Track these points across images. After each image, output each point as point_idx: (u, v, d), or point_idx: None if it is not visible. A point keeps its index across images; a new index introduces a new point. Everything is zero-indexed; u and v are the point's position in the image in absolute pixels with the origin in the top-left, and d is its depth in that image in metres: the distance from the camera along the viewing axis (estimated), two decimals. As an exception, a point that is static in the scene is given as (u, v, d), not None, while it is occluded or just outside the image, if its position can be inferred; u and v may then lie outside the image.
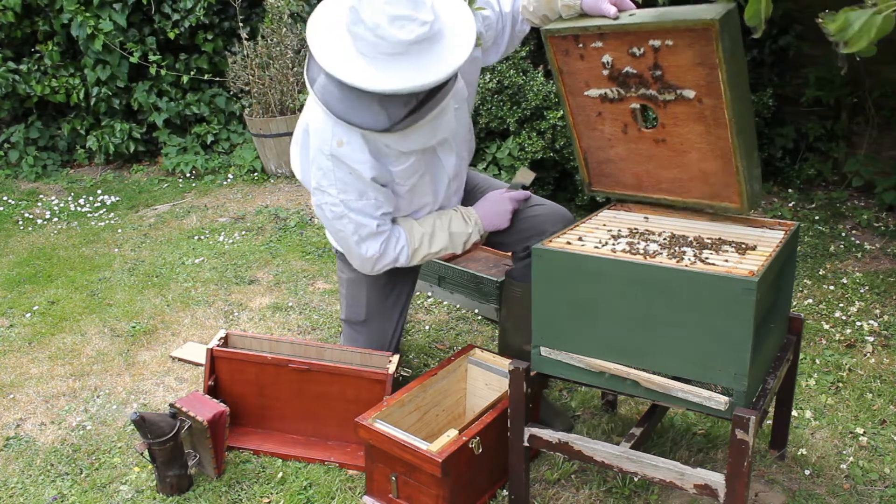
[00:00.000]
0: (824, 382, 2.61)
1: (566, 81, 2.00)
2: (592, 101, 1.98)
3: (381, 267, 2.21)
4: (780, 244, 1.80)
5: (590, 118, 2.02)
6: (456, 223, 2.25)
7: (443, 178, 2.26)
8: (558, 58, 1.97)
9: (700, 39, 1.70)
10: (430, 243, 2.22)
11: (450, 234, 2.24)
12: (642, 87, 1.87)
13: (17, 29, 5.67)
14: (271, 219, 4.55)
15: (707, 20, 1.66)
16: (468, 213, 2.28)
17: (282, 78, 5.29)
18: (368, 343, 2.42)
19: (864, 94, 4.27)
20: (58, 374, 2.92)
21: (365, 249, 2.15)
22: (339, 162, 2.04)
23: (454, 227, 2.24)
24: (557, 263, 1.77)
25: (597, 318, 1.75)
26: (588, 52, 1.90)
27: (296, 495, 2.18)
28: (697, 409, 1.69)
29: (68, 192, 5.41)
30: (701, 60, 1.74)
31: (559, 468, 2.23)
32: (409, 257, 2.21)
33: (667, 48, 1.76)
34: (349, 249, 2.18)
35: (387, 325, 2.44)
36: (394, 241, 2.18)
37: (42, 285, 3.78)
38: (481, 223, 2.28)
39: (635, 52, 1.81)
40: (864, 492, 2.11)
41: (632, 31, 1.79)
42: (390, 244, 2.17)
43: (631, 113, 1.93)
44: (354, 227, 2.11)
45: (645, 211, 2.11)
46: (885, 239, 3.77)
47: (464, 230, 2.25)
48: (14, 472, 2.36)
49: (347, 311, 2.46)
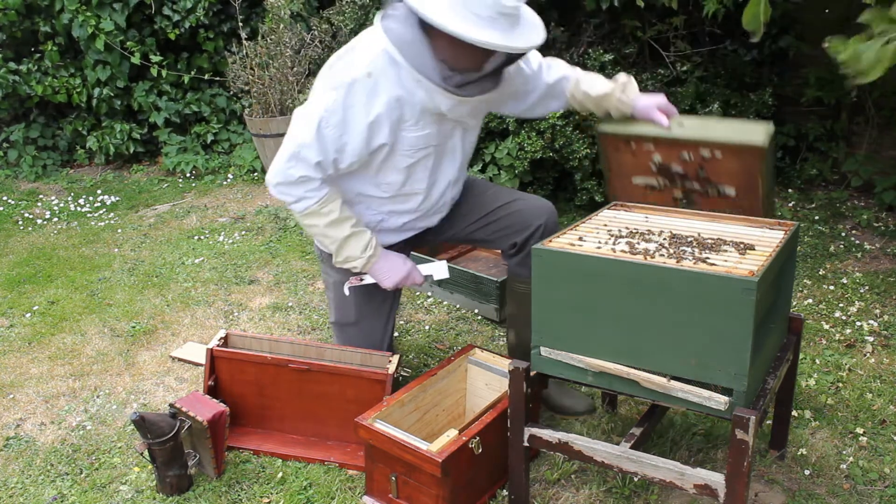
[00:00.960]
0: (824, 382, 2.61)
1: (613, 167, 2.20)
2: (637, 186, 2.18)
3: (277, 190, 2.12)
4: (780, 244, 1.81)
5: (632, 195, 2.22)
6: (354, 244, 2.19)
7: (442, 175, 2.25)
8: (609, 151, 2.18)
9: (748, 156, 1.94)
10: (324, 232, 2.16)
11: (342, 241, 2.18)
12: (687, 181, 2.08)
13: (17, 29, 5.67)
14: (271, 219, 4.55)
15: (758, 145, 1.88)
16: (373, 249, 2.22)
17: (282, 78, 5.29)
18: (359, 344, 2.41)
19: (864, 94, 4.27)
20: (58, 374, 2.92)
21: (285, 171, 2.07)
22: (351, 91, 1.98)
23: (351, 244, 2.19)
24: (558, 263, 1.77)
25: (597, 318, 1.75)
26: (639, 151, 2.11)
27: (296, 495, 2.18)
28: (697, 409, 1.69)
29: (68, 192, 5.41)
30: (745, 170, 1.96)
31: (559, 468, 2.23)
32: (302, 213, 2.14)
33: (715, 158, 1.98)
34: (279, 155, 2.11)
35: (378, 324, 2.43)
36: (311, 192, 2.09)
37: (42, 285, 3.78)
38: (372, 267, 2.24)
39: (685, 157, 2.03)
40: (864, 492, 2.11)
41: (684, 143, 2.00)
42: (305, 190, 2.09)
43: (672, 199, 2.16)
44: (298, 148, 2.05)
45: (645, 211, 2.12)
46: (885, 239, 3.77)
47: (353, 255, 2.20)
48: (14, 472, 2.36)
49: (337, 314, 2.45)
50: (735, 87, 4.44)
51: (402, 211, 2.29)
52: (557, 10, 4.19)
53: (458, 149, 2.24)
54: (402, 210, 2.28)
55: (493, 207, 2.37)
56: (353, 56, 2.05)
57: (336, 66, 2.08)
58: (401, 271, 2.27)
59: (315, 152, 2.04)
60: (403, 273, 2.27)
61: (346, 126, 2.02)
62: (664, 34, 4.26)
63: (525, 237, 2.30)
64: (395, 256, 2.28)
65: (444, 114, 2.07)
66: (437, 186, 2.27)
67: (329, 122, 2.01)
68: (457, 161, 2.26)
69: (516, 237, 2.32)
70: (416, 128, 2.07)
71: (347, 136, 2.03)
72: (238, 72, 5.34)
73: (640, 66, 4.37)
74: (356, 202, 2.26)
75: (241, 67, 5.34)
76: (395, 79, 1.99)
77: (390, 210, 2.28)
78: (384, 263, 2.26)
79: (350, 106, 2.00)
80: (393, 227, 2.33)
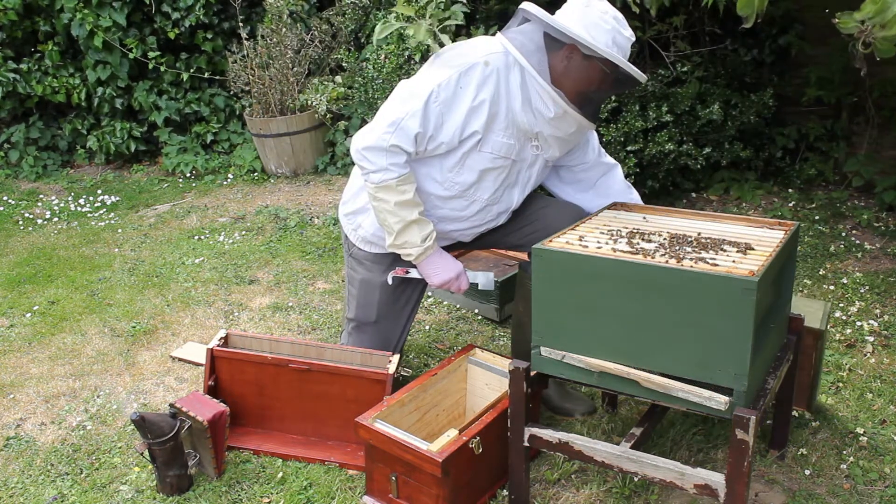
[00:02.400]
0: (824, 382, 2.60)
1: None
2: None
3: (361, 155, 2.11)
4: (780, 244, 1.81)
5: None
6: (417, 230, 2.18)
7: (506, 197, 2.27)
8: None
9: None
10: (392, 210, 2.14)
11: (407, 224, 2.16)
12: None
13: (17, 29, 5.67)
14: (271, 219, 4.55)
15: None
16: (432, 241, 2.22)
17: (282, 78, 5.29)
18: (374, 344, 2.41)
19: (865, 94, 4.27)
20: (58, 374, 2.92)
21: (380, 135, 2.07)
22: (468, 73, 2.06)
23: (414, 230, 2.18)
24: (558, 263, 1.77)
25: (597, 318, 1.75)
26: None
27: (296, 495, 2.18)
28: (697, 409, 1.69)
29: (68, 192, 5.41)
30: None
31: (559, 468, 2.23)
32: (376, 185, 2.12)
33: None
34: (376, 120, 2.11)
35: (396, 326, 2.43)
36: (395, 166, 2.09)
37: (42, 285, 3.78)
38: (425, 260, 2.24)
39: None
40: (864, 492, 2.11)
41: None
42: (389, 162, 2.09)
43: None
44: (403, 115, 2.05)
45: (645, 211, 2.12)
46: (885, 239, 3.77)
47: (413, 241, 2.19)
48: (14, 472, 2.36)
49: (357, 311, 2.44)
50: (735, 87, 4.44)
51: (455, 218, 2.27)
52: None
53: (531, 182, 2.29)
54: (455, 217, 2.27)
55: (526, 212, 2.38)
56: (473, 45, 2.14)
57: (451, 52, 2.15)
58: (451, 272, 2.27)
59: (418, 123, 2.06)
60: (453, 274, 2.27)
61: (452, 104, 2.07)
62: (664, 34, 4.26)
63: None
64: (450, 257, 2.29)
65: (532, 133, 2.15)
66: (498, 206, 2.28)
67: (438, 98, 2.06)
68: (524, 193, 2.30)
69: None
70: (504, 133, 2.12)
71: (450, 114, 2.08)
72: (238, 72, 5.35)
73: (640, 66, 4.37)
74: None
75: (241, 67, 5.34)
76: (506, 79, 2.08)
77: (443, 216, 2.27)
78: (438, 259, 2.26)
79: (462, 87, 2.06)
80: (438, 234, 2.31)
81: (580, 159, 2.37)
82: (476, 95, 2.06)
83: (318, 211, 4.63)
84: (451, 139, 2.10)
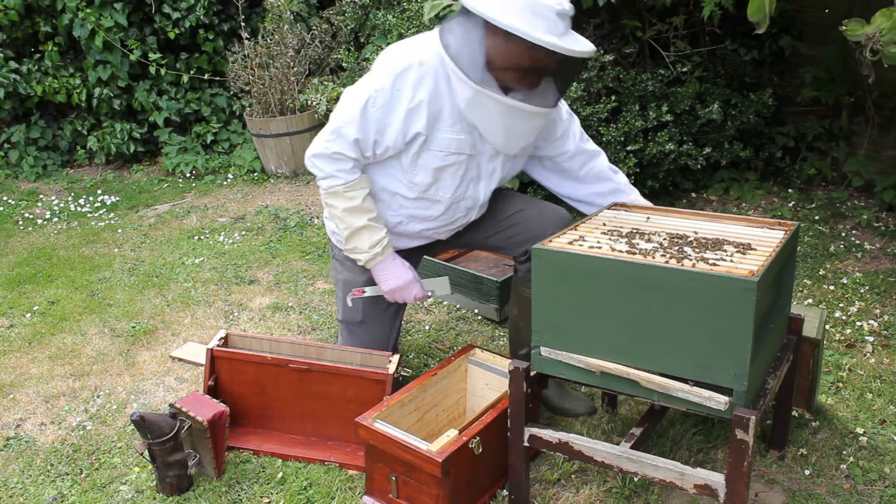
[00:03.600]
0: (824, 382, 2.60)
1: None
2: None
3: (310, 162, 2.18)
4: (780, 244, 1.80)
5: None
6: (366, 237, 2.21)
7: (472, 192, 2.25)
8: None
9: None
10: (341, 216, 2.19)
11: (355, 230, 2.20)
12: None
13: (18, 29, 5.67)
14: (271, 219, 4.55)
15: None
16: (381, 248, 2.23)
17: (282, 78, 5.29)
18: (364, 344, 2.42)
19: (864, 93, 4.27)
20: (58, 374, 2.92)
21: (324, 143, 2.13)
22: (403, 75, 2.04)
23: (363, 236, 2.21)
24: (557, 263, 1.77)
25: (597, 318, 1.75)
26: None
27: (296, 495, 2.18)
28: (697, 409, 1.69)
29: (68, 192, 5.41)
30: None
31: (559, 468, 2.23)
32: (326, 191, 2.18)
33: None
34: (323, 129, 2.16)
35: (383, 326, 2.44)
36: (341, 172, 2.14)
37: (42, 285, 3.78)
38: (376, 266, 2.26)
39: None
40: (864, 492, 2.11)
41: None
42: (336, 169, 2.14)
43: None
44: (342, 123, 2.09)
45: (645, 211, 2.12)
46: (885, 239, 3.77)
47: (361, 247, 2.22)
48: (14, 472, 2.36)
49: (344, 312, 2.46)
50: (735, 86, 4.44)
51: (422, 217, 2.28)
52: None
53: (497, 175, 2.26)
54: (422, 216, 2.28)
55: (507, 214, 2.38)
56: (409, 46, 2.12)
57: (390, 53, 2.14)
58: (401, 279, 2.27)
59: (355, 129, 2.09)
60: (402, 282, 2.27)
61: (390, 108, 2.07)
62: (664, 34, 4.26)
63: None
64: (403, 265, 2.28)
65: (477, 127, 2.11)
66: (465, 202, 2.27)
67: (376, 103, 2.07)
68: (491, 185, 2.28)
69: (528, 244, 2.31)
70: (451, 129, 2.11)
71: (390, 118, 2.08)
72: (238, 71, 5.35)
73: (640, 66, 4.37)
74: (380, 199, 2.27)
75: (241, 67, 5.34)
76: (443, 74, 2.05)
77: (411, 214, 2.28)
78: (389, 266, 2.26)
79: (398, 89, 2.05)
80: (410, 232, 2.33)
81: (560, 149, 2.33)
82: (413, 97, 2.05)
83: (318, 211, 4.63)
84: (396, 142, 2.11)
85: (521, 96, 2.02)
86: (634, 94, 4.02)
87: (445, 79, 2.06)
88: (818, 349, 2.26)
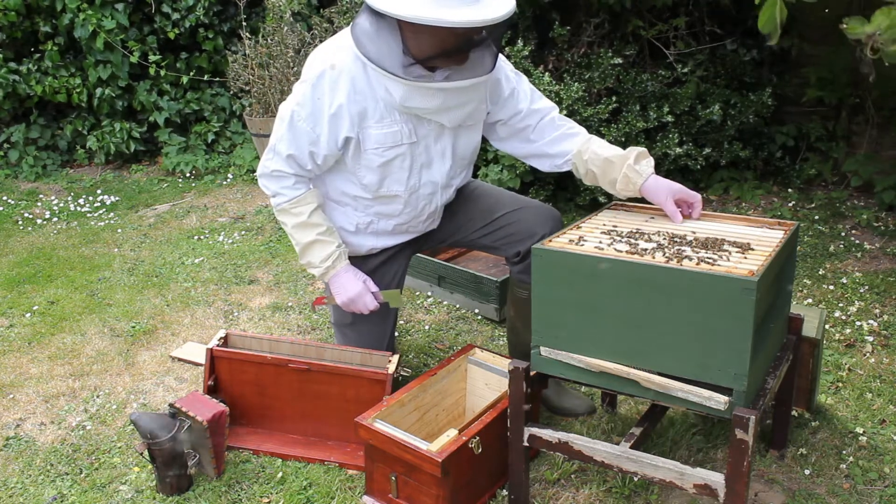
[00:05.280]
0: (824, 382, 2.60)
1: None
2: None
3: (259, 182, 2.23)
4: (780, 244, 1.81)
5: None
6: (317, 251, 2.22)
7: (427, 178, 2.21)
8: None
9: None
10: (291, 232, 2.22)
11: (304, 245, 2.22)
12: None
13: (17, 29, 5.67)
14: (271, 219, 4.55)
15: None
16: (332, 262, 2.23)
17: (282, 77, 5.28)
18: (360, 345, 2.41)
19: (864, 94, 4.27)
20: (58, 374, 2.92)
21: (263, 163, 2.17)
22: (318, 83, 2.03)
23: (315, 251, 2.22)
24: (558, 263, 1.77)
25: (597, 318, 1.75)
26: None
27: (296, 495, 2.18)
28: (697, 409, 1.69)
29: (68, 192, 5.41)
30: None
31: (559, 468, 2.23)
32: (276, 209, 2.21)
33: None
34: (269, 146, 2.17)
35: (375, 326, 2.42)
36: (285, 189, 2.16)
37: (42, 285, 3.78)
38: (330, 278, 2.26)
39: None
40: (864, 492, 2.11)
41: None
42: (280, 186, 2.17)
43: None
44: (275, 141, 2.12)
45: (645, 211, 2.12)
46: (885, 239, 3.77)
47: (313, 261, 2.23)
48: (14, 472, 2.36)
49: (335, 314, 2.46)
50: (735, 87, 4.44)
51: (388, 214, 2.27)
52: (558, 9, 4.19)
53: (448, 153, 2.20)
54: (387, 213, 2.27)
55: (498, 214, 2.36)
56: (324, 50, 2.11)
57: (308, 61, 2.13)
58: (352, 291, 2.25)
59: (286, 145, 2.10)
60: (353, 293, 2.25)
61: (315, 118, 2.07)
62: (664, 34, 4.26)
63: (529, 246, 2.27)
64: (355, 278, 2.26)
65: (418, 114, 2.06)
66: (423, 190, 2.23)
67: (300, 116, 2.07)
68: (445, 165, 2.22)
69: (520, 245, 2.30)
70: (380, 125, 2.08)
71: (318, 128, 2.08)
72: (238, 71, 5.34)
73: (641, 66, 4.38)
74: (344, 202, 2.27)
75: (241, 67, 5.34)
76: (360, 72, 2.03)
77: (377, 212, 2.27)
78: (342, 279, 2.25)
79: (317, 98, 2.05)
80: (385, 230, 2.33)
81: (512, 110, 2.24)
82: (332, 103, 2.04)
83: (318, 211, 4.62)
84: (331, 149, 2.11)
85: (456, 74, 1.96)
86: (635, 94, 4.02)
87: (364, 77, 2.02)
88: (818, 349, 2.26)
